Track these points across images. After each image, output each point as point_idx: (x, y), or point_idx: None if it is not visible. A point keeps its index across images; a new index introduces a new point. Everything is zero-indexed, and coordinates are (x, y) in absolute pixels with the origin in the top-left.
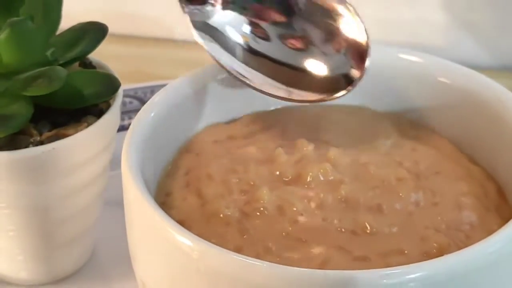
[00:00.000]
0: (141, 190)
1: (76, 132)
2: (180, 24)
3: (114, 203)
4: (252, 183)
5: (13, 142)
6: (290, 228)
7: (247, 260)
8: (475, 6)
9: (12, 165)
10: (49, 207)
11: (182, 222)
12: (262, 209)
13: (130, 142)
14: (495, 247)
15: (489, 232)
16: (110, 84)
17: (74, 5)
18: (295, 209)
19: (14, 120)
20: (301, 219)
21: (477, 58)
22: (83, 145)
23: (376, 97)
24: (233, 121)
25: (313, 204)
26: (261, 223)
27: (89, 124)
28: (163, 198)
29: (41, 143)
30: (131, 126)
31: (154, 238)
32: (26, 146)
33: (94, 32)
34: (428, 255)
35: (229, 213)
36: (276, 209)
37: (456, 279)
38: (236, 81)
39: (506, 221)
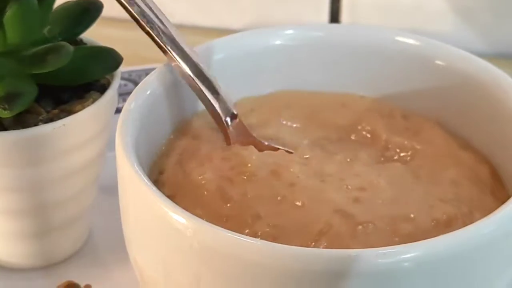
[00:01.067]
0: (134, 168)
1: (83, 108)
2: (178, 8)
3: (111, 187)
4: (238, 152)
5: (20, 121)
6: (285, 192)
7: (241, 238)
8: None
9: (23, 143)
10: (48, 188)
11: (172, 197)
12: (248, 173)
13: (125, 120)
14: (490, 228)
15: (487, 210)
16: (113, 59)
17: None
18: (292, 170)
19: (23, 97)
20: (298, 181)
21: (474, 45)
22: (91, 120)
23: (372, 80)
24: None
25: (311, 167)
26: (249, 189)
27: (94, 100)
28: (156, 176)
29: (51, 120)
30: (125, 105)
31: (148, 216)
32: (36, 124)
33: (89, 9)
34: (438, 223)
35: (209, 180)
36: (271, 174)
37: (451, 259)
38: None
39: (501, 202)
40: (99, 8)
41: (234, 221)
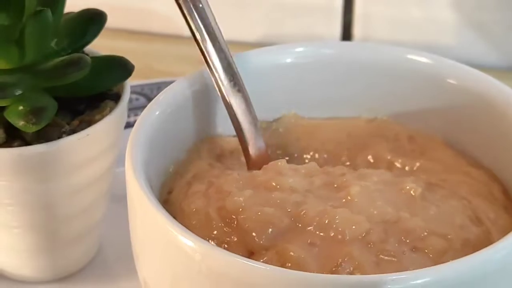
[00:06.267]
0: (144, 191)
1: (102, 117)
2: None
3: (122, 200)
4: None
5: (42, 135)
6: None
7: (249, 263)
8: (484, 6)
9: (49, 156)
10: (62, 202)
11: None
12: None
13: (134, 142)
14: (501, 253)
15: (504, 228)
16: (124, 67)
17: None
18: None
19: (48, 111)
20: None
21: (486, 58)
22: (110, 129)
23: (382, 98)
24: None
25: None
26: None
27: (111, 109)
28: (166, 196)
29: (73, 131)
30: (135, 125)
31: (157, 239)
32: (59, 137)
33: (94, 19)
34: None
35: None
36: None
37: (462, 285)
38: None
39: None
40: (103, 18)
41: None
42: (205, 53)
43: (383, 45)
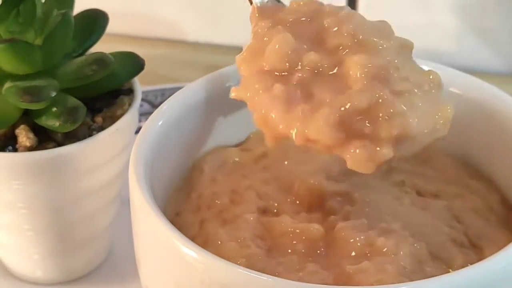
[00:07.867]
0: (148, 201)
1: (124, 111)
2: (193, 26)
3: None
4: None
5: (73, 135)
6: None
7: (252, 274)
8: (488, 12)
9: (85, 153)
10: (69, 207)
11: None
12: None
13: (138, 151)
14: (503, 263)
15: (498, 245)
16: (135, 61)
17: (86, 5)
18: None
19: (81, 110)
20: None
21: (489, 64)
22: (133, 123)
23: None
24: (244, 141)
25: None
26: None
27: (129, 103)
28: (173, 217)
29: (101, 128)
30: (139, 134)
31: (160, 249)
32: (90, 135)
33: (97, 20)
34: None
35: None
36: None
37: None
38: None
39: None
40: (105, 18)
41: None
42: None
43: None
